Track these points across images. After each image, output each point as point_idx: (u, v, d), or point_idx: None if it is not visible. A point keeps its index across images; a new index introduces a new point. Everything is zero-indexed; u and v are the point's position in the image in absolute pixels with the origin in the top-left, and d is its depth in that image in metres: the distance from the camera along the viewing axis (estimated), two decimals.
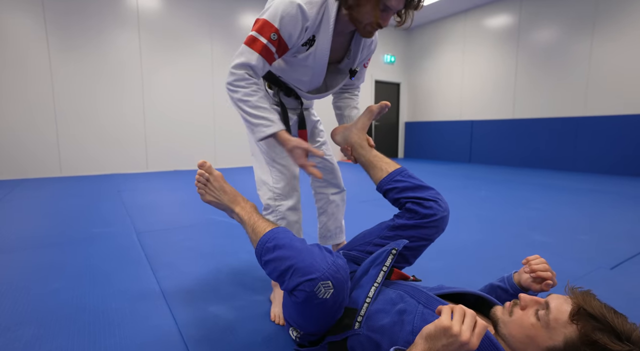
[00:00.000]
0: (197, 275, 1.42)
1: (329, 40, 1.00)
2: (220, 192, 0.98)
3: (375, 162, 1.10)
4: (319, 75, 1.08)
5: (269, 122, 0.95)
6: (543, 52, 5.53)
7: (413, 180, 1.04)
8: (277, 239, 0.81)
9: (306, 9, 0.92)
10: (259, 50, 0.94)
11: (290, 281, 0.73)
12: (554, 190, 3.52)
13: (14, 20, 4.18)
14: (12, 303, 1.17)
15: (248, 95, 0.95)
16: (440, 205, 0.99)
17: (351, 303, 0.82)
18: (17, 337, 0.97)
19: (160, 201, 2.99)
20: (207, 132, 5.64)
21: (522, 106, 5.90)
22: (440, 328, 0.54)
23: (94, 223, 2.23)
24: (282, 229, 0.86)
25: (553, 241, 1.88)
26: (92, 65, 4.68)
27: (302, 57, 1.02)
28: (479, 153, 6.63)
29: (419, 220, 0.97)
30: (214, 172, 1.00)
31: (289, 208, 1.13)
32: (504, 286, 0.90)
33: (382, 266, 0.85)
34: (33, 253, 1.67)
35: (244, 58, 0.94)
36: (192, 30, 5.33)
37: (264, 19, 0.93)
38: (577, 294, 0.65)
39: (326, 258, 0.74)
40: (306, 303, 0.71)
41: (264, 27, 0.93)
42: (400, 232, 0.99)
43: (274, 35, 0.93)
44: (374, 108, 1.16)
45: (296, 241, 0.80)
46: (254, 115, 0.96)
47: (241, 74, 0.95)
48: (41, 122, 4.44)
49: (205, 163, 0.99)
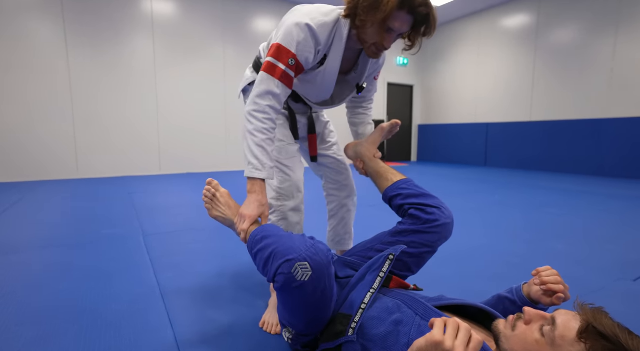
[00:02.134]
0: (200, 278, 1.41)
1: (339, 59, 1.02)
2: (225, 208, 1.01)
3: (383, 172, 1.13)
4: (327, 90, 1.11)
5: (261, 167, 0.95)
6: (562, 53, 5.36)
7: (418, 189, 1.05)
8: (264, 231, 0.83)
9: (318, 33, 0.94)
10: (279, 76, 0.95)
11: (271, 268, 0.72)
12: (573, 195, 3.38)
13: (35, 27, 4.33)
14: (16, 303, 1.19)
15: (258, 131, 0.95)
16: (443, 212, 0.98)
17: (346, 308, 0.79)
18: (16, 337, 0.98)
19: (170, 204, 3.01)
20: (219, 134, 5.69)
21: (539, 108, 5.73)
22: (432, 342, 0.50)
23: (104, 224, 2.26)
24: (271, 224, 0.89)
25: (570, 249, 1.79)
26: (108, 70, 4.80)
27: (312, 75, 1.05)
28: (494, 157, 6.47)
29: (421, 226, 0.96)
30: (221, 189, 1.04)
31: (291, 209, 1.13)
32: (512, 298, 0.84)
33: (379, 272, 0.82)
34: (42, 254, 1.70)
35: (264, 86, 0.95)
36: (205, 34, 5.41)
37: (279, 45, 0.94)
38: (587, 311, 0.60)
39: (305, 241, 0.73)
40: (285, 288, 0.70)
41: (281, 53, 0.94)
42: (402, 238, 0.97)
43: (292, 60, 0.94)
44: (386, 126, 1.22)
45: (281, 231, 0.82)
46: (252, 152, 0.95)
47: (263, 107, 0.95)
48: (60, 125, 4.57)
49: (212, 181, 1.03)
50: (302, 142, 1.28)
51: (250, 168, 0.96)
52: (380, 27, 0.91)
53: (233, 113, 5.74)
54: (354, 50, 1.07)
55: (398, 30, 0.93)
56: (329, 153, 1.29)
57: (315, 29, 0.93)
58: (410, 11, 0.90)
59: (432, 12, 0.92)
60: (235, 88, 5.70)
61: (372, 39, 0.95)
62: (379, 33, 0.93)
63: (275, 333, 1.00)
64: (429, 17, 0.92)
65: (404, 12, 0.89)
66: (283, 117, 1.18)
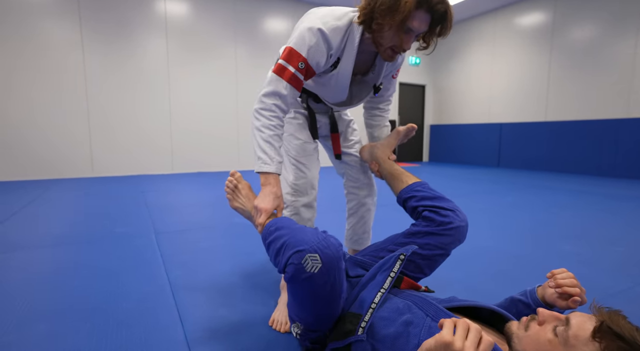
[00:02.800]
0: (210, 276, 1.42)
1: (352, 63, 1.03)
2: (246, 200, 1.03)
3: (398, 174, 1.14)
4: (342, 92, 1.12)
5: (269, 161, 0.96)
6: (579, 52, 5.23)
7: (432, 191, 1.05)
8: (278, 222, 0.86)
9: (330, 38, 0.95)
10: (288, 79, 0.96)
11: (282, 258, 0.73)
12: (589, 197, 3.29)
13: (52, 26, 4.44)
14: (30, 299, 1.21)
15: (265, 127, 0.97)
16: (457, 215, 0.97)
17: (355, 308, 0.79)
18: (31, 333, 1.00)
19: (182, 202, 3.05)
20: (230, 134, 5.74)
21: (555, 108, 5.60)
22: (441, 343, 0.50)
23: (117, 222, 2.30)
24: (286, 217, 0.90)
25: (586, 252, 1.74)
26: (123, 69, 4.89)
27: (326, 78, 1.06)
28: (508, 157, 6.35)
29: (435, 228, 0.96)
30: (243, 181, 1.06)
31: (304, 205, 1.16)
32: (526, 301, 0.82)
33: (390, 272, 0.82)
34: (55, 251, 1.73)
35: (273, 87, 0.96)
36: (217, 34, 5.46)
37: (291, 48, 0.95)
38: (603, 312, 0.58)
39: (317, 234, 0.73)
40: (295, 279, 0.70)
41: (292, 56, 0.95)
42: (415, 239, 0.97)
43: (302, 64, 0.95)
44: (402, 130, 1.23)
45: (295, 223, 0.84)
46: (261, 147, 0.97)
47: (269, 105, 0.97)
48: (76, 125, 4.68)
49: (235, 173, 1.06)
50: (326, 140, 1.31)
51: (259, 163, 0.97)
52: (399, 28, 0.91)
53: (244, 113, 5.78)
54: (369, 52, 1.07)
55: (417, 29, 0.92)
56: (351, 151, 1.30)
57: (328, 34, 0.94)
58: (428, 9, 0.89)
59: (449, 10, 0.91)
60: (247, 88, 5.74)
61: (390, 41, 0.95)
62: (398, 35, 0.92)
63: (284, 331, 1.00)
64: (446, 15, 0.91)
65: (423, 10, 0.89)
66: (302, 116, 1.21)
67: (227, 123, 5.70)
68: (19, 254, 1.67)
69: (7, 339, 0.96)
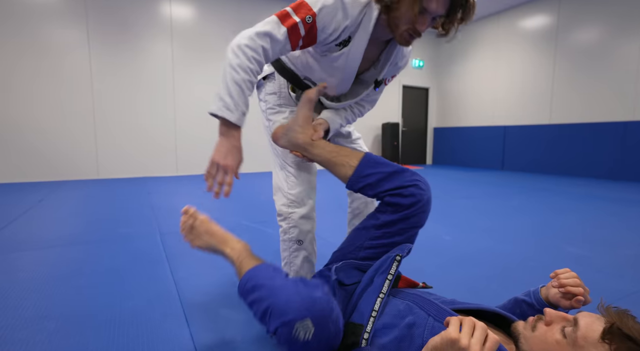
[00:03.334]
0: (215, 276, 1.43)
1: (365, 43, 0.95)
2: (207, 236, 0.95)
3: (334, 158, 1.00)
4: (348, 79, 1.04)
5: (234, 107, 0.86)
6: (584, 54, 5.21)
7: (383, 167, 0.96)
8: (256, 278, 0.77)
9: (349, 7, 0.87)
10: (289, 26, 0.86)
11: (269, 325, 0.68)
12: (595, 200, 3.27)
13: (60, 31, 4.51)
14: (39, 297, 1.23)
15: (242, 68, 0.85)
16: (421, 188, 0.91)
17: (356, 317, 0.77)
18: (40, 330, 1.01)
19: (186, 203, 3.06)
20: None
21: (560, 110, 5.58)
22: (447, 340, 0.50)
23: (122, 223, 2.32)
24: (263, 266, 0.82)
25: (592, 255, 1.73)
26: (128, 74, 4.94)
27: (334, 57, 0.97)
28: (512, 160, 6.33)
29: (404, 212, 0.90)
30: (199, 216, 0.95)
31: (302, 216, 1.08)
32: (530, 301, 0.83)
33: (387, 274, 0.80)
34: (63, 251, 1.75)
35: (269, 27, 0.86)
36: (221, 37, 5.51)
37: (303, 1, 0.87)
38: (612, 313, 0.58)
39: (300, 292, 0.68)
40: (291, 345, 0.66)
41: (301, 7, 0.87)
42: (388, 229, 0.92)
43: (309, 18, 0.86)
44: (311, 94, 1.02)
45: (276, 278, 0.75)
46: (228, 89, 0.85)
47: (257, 45, 0.86)
48: (82, 127, 4.73)
49: (189, 209, 0.95)
50: None
51: (220, 105, 0.85)
52: (415, 8, 0.84)
53: (248, 118, 5.79)
54: (378, 43, 1.01)
55: (434, 11, 0.85)
56: (354, 147, 1.22)
57: (347, 2, 0.87)
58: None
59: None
60: None
61: (405, 23, 0.87)
62: (413, 15, 0.85)
63: None
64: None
65: None
66: (289, 111, 1.11)
67: None
68: (27, 254, 1.69)
69: (19, 336, 0.98)
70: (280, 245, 1.14)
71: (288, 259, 1.12)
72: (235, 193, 3.54)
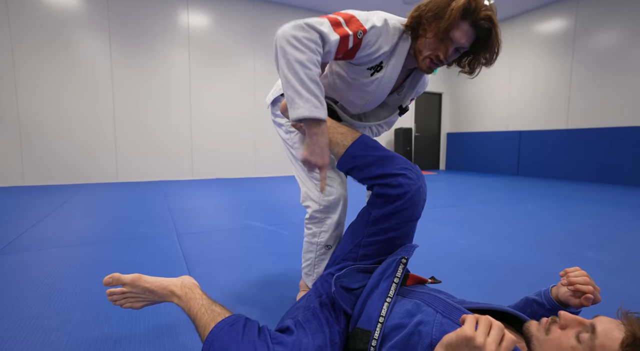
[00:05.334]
0: (230, 275, 1.48)
1: (398, 71, 0.98)
2: (146, 294, 0.87)
3: (331, 135, 0.98)
4: (377, 101, 1.06)
5: (320, 105, 0.82)
6: (603, 58, 5.12)
7: (373, 151, 0.95)
8: (220, 340, 0.69)
9: (391, 33, 0.91)
10: (341, 35, 0.85)
11: None
12: (613, 206, 3.19)
13: (85, 43, 4.71)
14: (66, 289, 1.30)
15: (312, 63, 0.80)
16: (409, 177, 0.89)
17: (363, 323, 0.76)
18: (68, 319, 1.08)
19: (201, 206, 3.14)
20: (247, 142, 5.87)
21: (577, 115, 5.47)
22: (463, 337, 0.49)
23: (141, 224, 2.40)
24: (227, 322, 0.73)
25: (609, 259, 1.70)
26: (147, 80, 5.10)
27: (366, 82, 0.99)
28: (527, 166, 6.22)
29: (393, 204, 0.89)
30: (126, 279, 0.86)
31: (334, 222, 1.08)
32: (540, 301, 0.82)
33: (394, 278, 0.80)
34: (86, 249, 1.83)
35: (325, 29, 0.83)
36: (237, 45, 5.64)
37: (353, 16, 0.88)
38: (633, 320, 0.56)
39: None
40: None
41: (353, 21, 0.87)
42: (382, 224, 0.91)
43: (360, 33, 0.87)
44: None
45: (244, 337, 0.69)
46: (307, 87, 0.80)
47: (315, 38, 0.81)
48: (103, 132, 4.90)
49: (110, 280, 0.85)
50: None
51: (309, 106, 0.80)
52: (442, 37, 0.88)
53: (261, 121, 5.91)
54: (404, 70, 1.05)
55: (457, 41, 0.89)
56: None
57: (390, 29, 0.90)
58: (472, 23, 0.88)
59: (495, 31, 0.88)
60: (264, 98, 5.87)
61: (430, 49, 0.92)
62: (438, 42, 0.90)
63: None
64: (490, 37, 0.89)
65: (467, 23, 0.87)
66: None
67: (245, 131, 5.84)
68: (54, 251, 1.78)
69: (48, 324, 1.04)
70: (306, 246, 1.14)
71: (313, 261, 1.12)
72: (249, 197, 3.60)
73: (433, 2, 0.89)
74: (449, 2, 0.87)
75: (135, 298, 0.89)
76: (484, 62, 0.94)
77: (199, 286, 0.88)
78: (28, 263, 1.59)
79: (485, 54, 0.93)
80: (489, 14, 0.87)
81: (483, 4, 0.87)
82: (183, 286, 0.86)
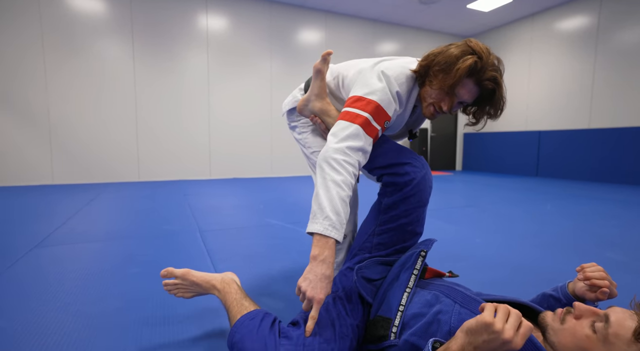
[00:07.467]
0: (254, 269, 1.54)
1: (410, 111, 1.04)
2: (193, 287, 0.99)
3: None
4: (389, 134, 1.14)
5: (339, 226, 0.80)
6: (628, 55, 4.97)
7: (383, 144, 1.01)
8: (240, 332, 0.78)
9: (403, 99, 0.96)
10: (373, 136, 0.90)
11: None
12: (636, 207, 3.11)
13: (110, 48, 4.89)
14: (101, 281, 1.38)
15: (347, 184, 0.83)
16: (415, 166, 0.96)
17: (384, 311, 0.81)
18: (107, 306, 1.16)
19: (221, 204, 3.23)
20: (264, 143, 5.97)
21: (600, 115, 5.33)
22: (482, 323, 0.52)
23: (164, 221, 2.50)
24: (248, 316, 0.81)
25: (630, 260, 1.68)
26: (167, 84, 5.26)
27: None
28: (547, 166, 6.09)
29: (402, 191, 0.95)
30: (177, 272, 0.98)
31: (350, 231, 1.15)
32: (557, 296, 0.85)
33: (413, 269, 0.84)
34: (114, 244, 1.93)
35: (360, 142, 0.87)
36: (254, 48, 5.74)
37: (378, 105, 0.90)
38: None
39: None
40: None
41: (379, 114, 0.90)
42: (393, 212, 0.97)
43: (387, 123, 0.93)
44: (318, 65, 1.06)
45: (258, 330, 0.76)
46: (334, 206, 0.80)
47: (355, 160, 0.86)
48: (125, 133, 5.08)
49: (165, 273, 0.96)
50: None
51: (326, 224, 0.79)
52: (447, 91, 0.92)
53: (278, 123, 5.99)
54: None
55: (460, 97, 0.92)
56: None
57: (403, 96, 0.95)
58: (477, 82, 0.90)
59: (499, 92, 0.91)
60: (280, 99, 5.96)
61: (434, 99, 0.95)
62: (444, 96, 0.93)
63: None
64: (494, 96, 0.92)
65: (472, 81, 0.90)
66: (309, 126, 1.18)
67: (262, 131, 5.94)
68: (85, 246, 1.88)
69: (90, 310, 1.13)
70: None
71: None
72: (267, 196, 3.67)
73: (442, 56, 0.90)
74: (457, 59, 0.88)
75: (185, 289, 1.00)
76: (487, 116, 0.98)
77: (236, 282, 0.97)
78: (64, 256, 1.69)
79: (490, 109, 0.96)
80: (494, 75, 0.89)
81: (491, 63, 0.90)
82: (222, 281, 0.96)
